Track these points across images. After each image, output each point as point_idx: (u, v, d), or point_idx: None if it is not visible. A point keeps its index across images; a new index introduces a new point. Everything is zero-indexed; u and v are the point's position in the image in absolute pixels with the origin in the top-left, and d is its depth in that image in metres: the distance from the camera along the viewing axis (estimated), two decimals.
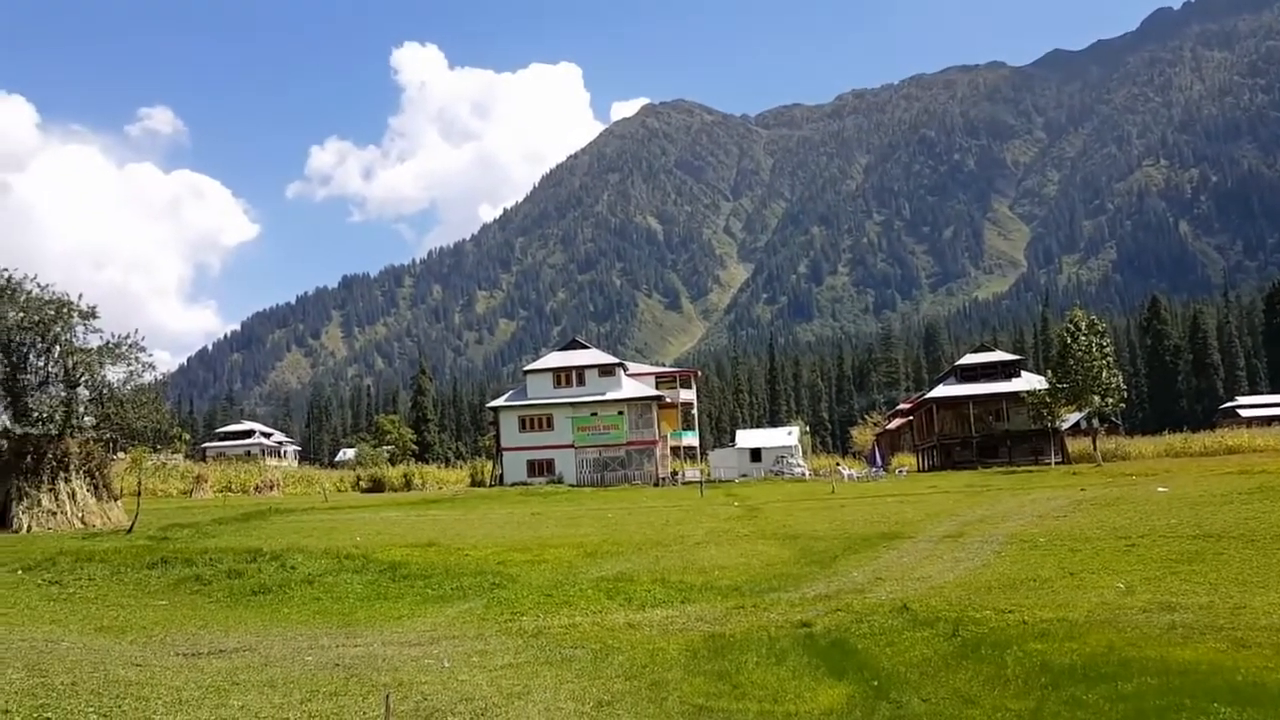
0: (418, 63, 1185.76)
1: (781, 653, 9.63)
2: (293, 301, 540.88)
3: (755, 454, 73.19)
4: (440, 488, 77.36)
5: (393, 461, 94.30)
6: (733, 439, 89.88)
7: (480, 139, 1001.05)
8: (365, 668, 9.22)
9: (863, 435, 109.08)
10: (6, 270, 31.46)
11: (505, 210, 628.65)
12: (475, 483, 79.72)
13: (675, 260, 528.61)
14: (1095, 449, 59.88)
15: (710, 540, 21.54)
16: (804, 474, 65.11)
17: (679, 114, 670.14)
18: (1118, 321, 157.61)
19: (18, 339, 30.99)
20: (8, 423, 31.29)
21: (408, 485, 77.08)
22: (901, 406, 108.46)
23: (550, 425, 68.23)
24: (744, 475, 67.05)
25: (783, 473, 65.17)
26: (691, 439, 78.39)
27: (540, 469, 67.35)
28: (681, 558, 18.48)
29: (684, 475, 66.77)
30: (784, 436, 77.16)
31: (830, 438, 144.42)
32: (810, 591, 13.75)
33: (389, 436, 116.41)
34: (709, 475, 67.13)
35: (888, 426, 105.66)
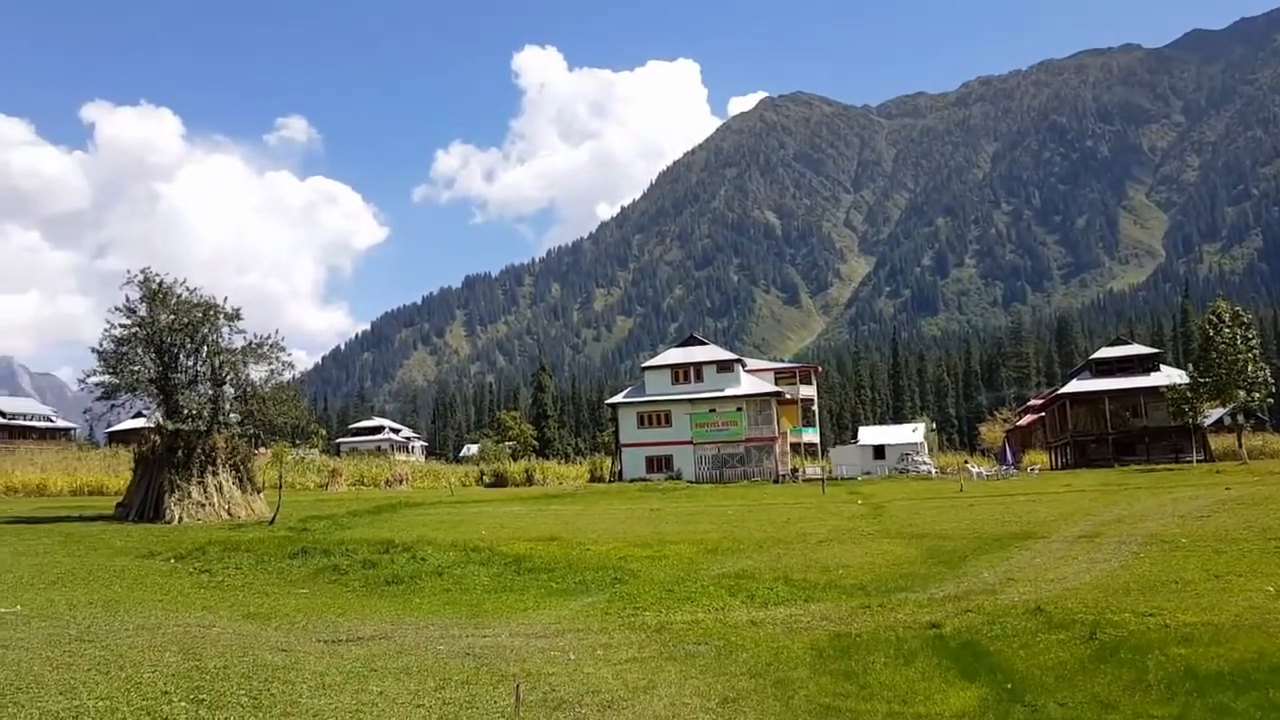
0: (538, 65, 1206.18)
1: (910, 653, 9.44)
2: (419, 301, 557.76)
3: (879, 451, 71.73)
4: (560, 483, 78.40)
5: (514, 457, 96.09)
6: (854, 436, 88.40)
7: (598, 138, 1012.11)
8: (494, 658, 9.43)
9: (991, 432, 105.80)
10: (159, 275, 33.35)
11: (623, 208, 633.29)
12: (594, 478, 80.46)
13: (794, 255, 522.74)
14: (1240, 446, 56.67)
15: (834, 538, 21.25)
16: (930, 472, 63.53)
17: (797, 106, 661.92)
18: (1264, 312, 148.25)
19: (169, 340, 32.82)
20: (160, 419, 33.17)
21: (529, 480, 78.42)
22: (1033, 402, 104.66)
23: (668, 421, 68.43)
24: (867, 473, 65.84)
25: (908, 470, 63.72)
26: (812, 436, 77.45)
27: (659, 465, 67.60)
28: (804, 556, 18.29)
29: (804, 472, 65.97)
30: (909, 433, 75.30)
31: (957, 435, 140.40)
32: (938, 592, 13.42)
33: (510, 432, 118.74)
34: (830, 472, 66.12)
35: (1018, 423, 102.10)
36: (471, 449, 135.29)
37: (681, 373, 69.62)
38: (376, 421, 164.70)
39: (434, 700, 7.59)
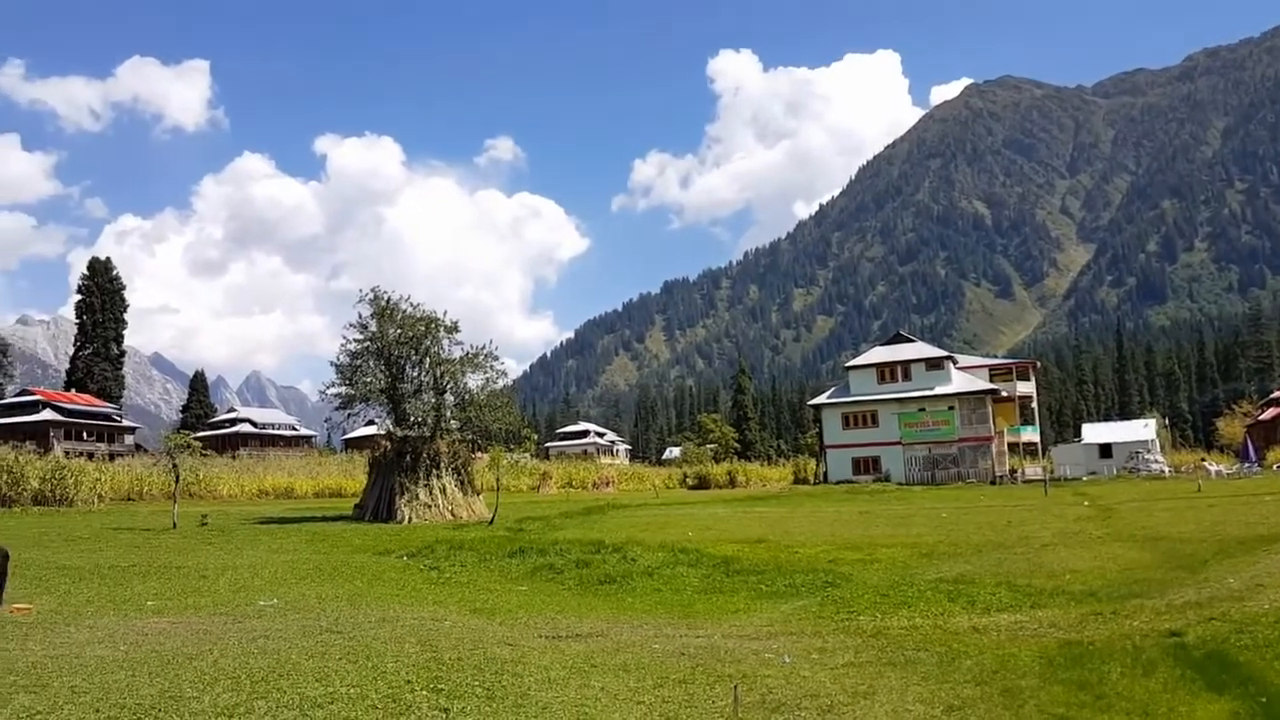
0: (733, 69, 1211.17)
1: (1149, 663, 8.81)
2: (619, 308, 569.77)
3: (1105, 449, 67.39)
4: (764, 485, 78.03)
5: (716, 459, 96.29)
6: (1077, 434, 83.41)
7: (794, 137, 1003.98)
8: (709, 658, 9.50)
9: (1230, 427, 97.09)
10: (386, 293, 35.73)
11: (821, 206, 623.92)
12: (798, 480, 79.68)
13: (1005, 245, 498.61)
14: None
15: (1059, 542, 20.12)
16: (1163, 470, 59.06)
17: (1005, 91, 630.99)
18: None
19: (396, 353, 35.09)
20: (390, 426, 35.50)
21: (732, 482, 78.41)
22: (1276, 395, 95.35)
23: (875, 422, 66.79)
24: (1092, 473, 61.94)
25: (1138, 469, 59.50)
26: (1031, 434, 73.59)
27: (865, 466, 66.10)
28: (1027, 560, 17.41)
29: (1024, 473, 62.78)
30: (1139, 430, 70.40)
31: (1191, 431, 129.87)
32: (1177, 598, 12.44)
33: (712, 435, 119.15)
34: (1052, 473, 62.61)
35: (1260, 417, 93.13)
36: (673, 452, 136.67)
37: (888, 371, 67.80)
38: (582, 426, 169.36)
39: (653, 697, 7.73)
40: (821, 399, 73.52)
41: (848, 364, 75.42)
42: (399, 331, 34.90)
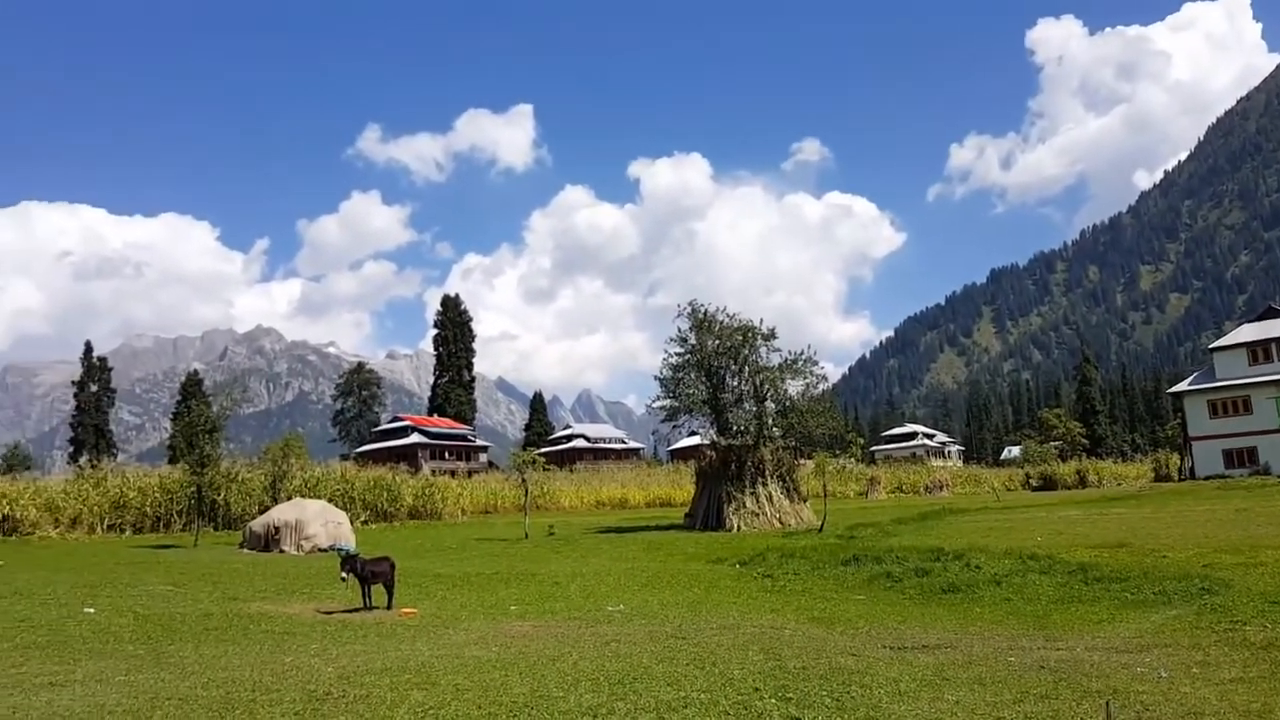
0: (1054, 38, 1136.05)
1: None
2: (942, 302, 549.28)
3: None
4: (1119, 484, 72.18)
5: (1062, 457, 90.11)
6: None
7: (1129, 101, 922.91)
8: (1072, 672, 8.81)
9: None
10: (703, 306, 36.73)
11: (1166, 173, 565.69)
12: (1159, 477, 72.95)
13: None
14: None
15: None
16: None
17: None
18: None
19: (716, 363, 35.90)
20: (714, 436, 36.34)
21: (1081, 482, 73.35)
22: None
23: (1248, 408, 59.35)
24: None
25: None
26: None
27: (1239, 459, 58.88)
28: None
29: None
30: None
31: None
32: None
33: (1055, 431, 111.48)
34: None
35: None
36: (1012, 451, 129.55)
37: (1261, 351, 60.03)
38: (909, 428, 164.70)
39: (1013, 713, 7.27)
40: (1183, 386, 66.51)
41: (1212, 345, 67.60)
42: (717, 342, 35.67)
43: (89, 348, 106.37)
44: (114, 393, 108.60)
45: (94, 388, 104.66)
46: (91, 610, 13.78)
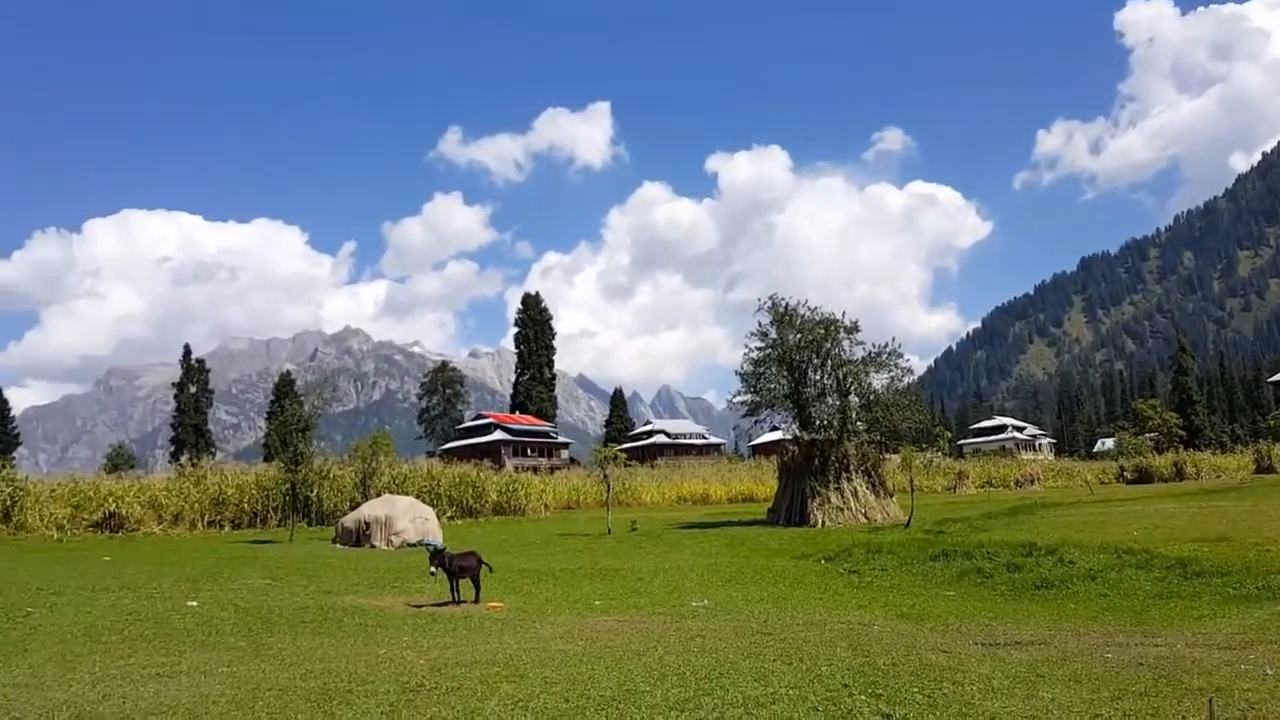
0: (1144, 19, 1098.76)
1: None
2: (1030, 292, 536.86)
3: None
4: (1218, 476, 69.95)
5: (1158, 450, 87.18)
6: None
7: (1225, 81, 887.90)
8: (1172, 669, 8.53)
9: None
10: (783, 299, 36.41)
11: (1264, 154, 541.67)
12: (1261, 469, 70.37)
13: None
14: None
15: None
16: None
17: None
18: None
19: (797, 357, 35.57)
20: (796, 431, 36.02)
21: (1178, 474, 71.22)
22: None
23: None
24: None
25: None
26: None
27: None
28: None
29: None
30: None
31: None
32: None
33: (1150, 423, 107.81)
34: None
35: None
36: (1106, 444, 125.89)
37: None
38: (998, 420, 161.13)
39: (1111, 711, 7.07)
40: None
41: None
42: (799, 336, 35.33)
43: (187, 350, 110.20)
44: (211, 393, 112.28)
45: (193, 389, 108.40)
46: (194, 604, 14.31)
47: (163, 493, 40.05)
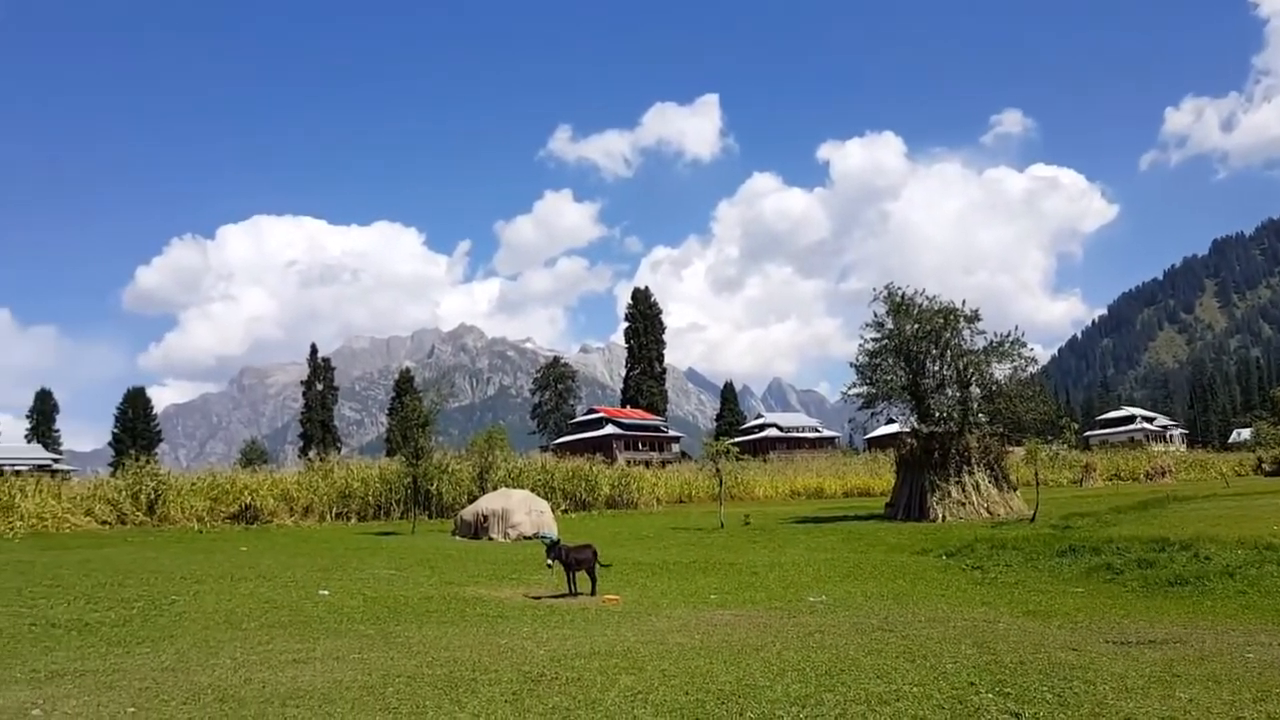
0: None
1: None
2: (1160, 277, 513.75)
3: None
4: None
5: None
6: None
7: None
8: None
9: None
10: (900, 289, 35.63)
11: None
12: None
13: None
14: None
15: None
16: None
17: None
18: None
19: (915, 348, 34.77)
20: (914, 423, 35.25)
21: None
22: None
23: None
24: None
25: None
26: None
27: None
28: None
29: None
30: None
31: None
32: None
33: None
34: None
35: None
36: (1242, 434, 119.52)
37: None
38: (1126, 411, 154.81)
39: (1255, 713, 6.75)
40: None
41: None
42: (916, 326, 34.52)
43: (314, 350, 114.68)
44: (337, 390, 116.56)
45: (319, 386, 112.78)
46: (326, 593, 14.89)
47: (293, 486, 41.84)
